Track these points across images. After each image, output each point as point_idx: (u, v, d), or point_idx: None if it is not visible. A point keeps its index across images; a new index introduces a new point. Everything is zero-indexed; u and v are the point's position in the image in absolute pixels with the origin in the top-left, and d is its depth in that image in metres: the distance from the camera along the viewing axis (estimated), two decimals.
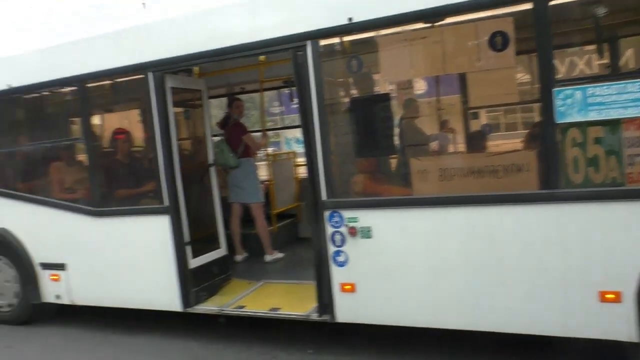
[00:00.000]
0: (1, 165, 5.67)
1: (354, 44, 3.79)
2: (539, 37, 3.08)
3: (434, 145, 3.89)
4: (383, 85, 3.99)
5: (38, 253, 5.26)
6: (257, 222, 5.90)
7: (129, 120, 5.43)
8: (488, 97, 3.69)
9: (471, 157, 3.66)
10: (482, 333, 3.53)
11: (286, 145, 19.40)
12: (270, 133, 8.31)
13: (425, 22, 3.49)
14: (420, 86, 3.82)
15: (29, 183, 5.50)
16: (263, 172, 6.69)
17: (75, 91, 4.88)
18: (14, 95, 5.26)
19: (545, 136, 3.14)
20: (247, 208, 5.99)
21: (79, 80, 4.75)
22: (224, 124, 6.07)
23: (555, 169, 3.12)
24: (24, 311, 5.48)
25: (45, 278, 5.22)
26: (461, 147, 3.84)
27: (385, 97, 3.92)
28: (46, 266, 5.21)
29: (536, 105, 3.39)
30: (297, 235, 6.93)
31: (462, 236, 3.43)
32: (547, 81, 3.07)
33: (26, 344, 5.08)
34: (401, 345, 4.14)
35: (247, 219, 6.05)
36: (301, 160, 7.33)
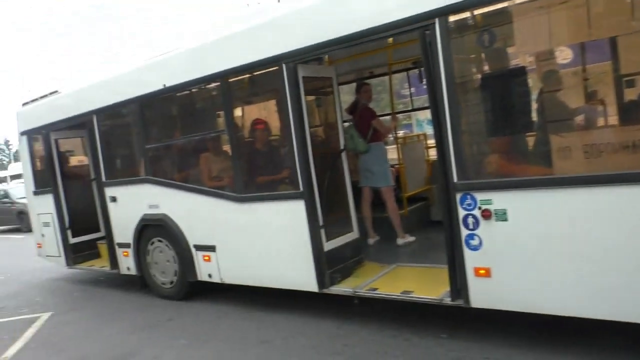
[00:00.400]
0: (160, 157, 6.35)
1: (485, 17, 3.58)
2: None
3: (578, 119, 3.54)
4: (518, 58, 3.73)
5: (192, 236, 5.82)
6: (388, 206, 5.91)
7: (266, 110, 5.74)
8: None
9: (624, 130, 3.27)
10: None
11: (417, 127, 19.05)
12: (400, 116, 8.22)
13: None
14: (562, 56, 3.49)
15: (183, 172, 6.08)
16: (393, 156, 6.67)
17: (219, 86, 5.27)
18: (169, 93, 5.81)
19: None
20: (377, 192, 6.04)
21: (222, 76, 5.11)
22: (352, 109, 6.15)
23: None
24: (182, 288, 6.14)
25: (199, 258, 5.77)
26: (612, 119, 3.44)
27: (522, 71, 3.67)
28: (199, 248, 5.75)
29: None
30: (429, 219, 6.81)
31: (613, 218, 3.11)
32: None
33: (184, 317, 5.67)
34: (538, 334, 3.92)
35: (378, 202, 6.10)
36: (432, 142, 7.18)
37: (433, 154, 6.99)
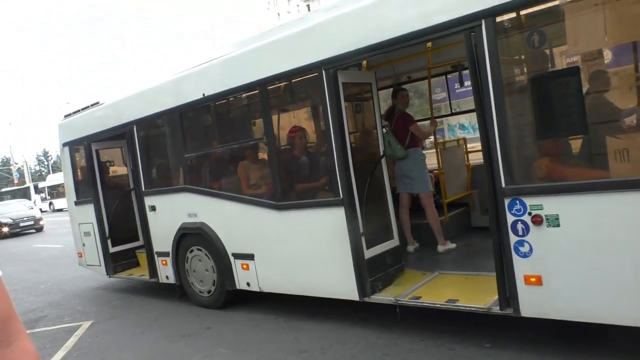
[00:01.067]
0: (199, 166, 6.39)
1: (533, 17, 3.49)
2: None
3: (636, 120, 3.40)
4: (569, 58, 3.61)
5: (230, 244, 5.81)
6: (427, 212, 5.80)
7: (305, 117, 5.72)
8: None
9: None
10: None
11: (450, 132, 18.78)
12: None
13: None
14: (616, 55, 3.36)
15: (222, 181, 6.10)
16: (431, 161, 6.57)
17: (258, 94, 5.27)
18: (208, 102, 5.83)
19: None
20: (414, 198, 5.94)
21: (261, 84, 5.11)
22: (389, 115, 6.08)
23: None
24: (221, 296, 6.12)
25: (237, 267, 5.75)
26: None
27: (573, 71, 3.54)
28: (237, 256, 5.73)
29: None
30: (470, 225, 6.67)
31: None
32: None
33: (222, 325, 5.66)
34: (590, 345, 3.77)
35: (416, 209, 6.00)
36: (471, 146, 7.05)
37: (473, 158, 6.87)
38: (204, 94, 5.68)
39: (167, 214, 6.54)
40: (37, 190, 41.95)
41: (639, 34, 3.24)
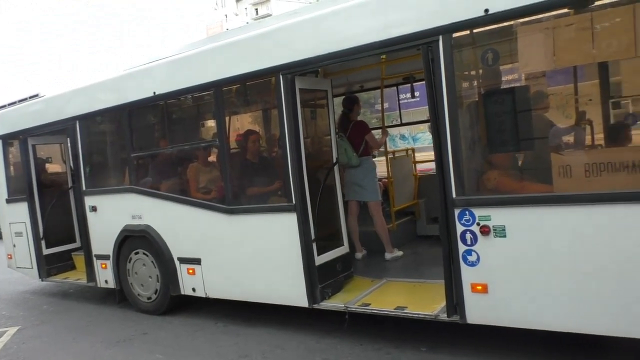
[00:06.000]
0: (146, 166, 6.17)
1: (488, 36, 3.65)
2: None
3: (579, 138, 3.62)
4: (520, 76, 3.80)
5: (176, 248, 5.65)
6: (376, 221, 5.89)
7: (260, 121, 5.66)
8: None
9: (620, 151, 3.36)
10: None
11: (391, 143, 19.16)
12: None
13: (573, 8, 3.29)
14: (563, 76, 3.58)
15: (170, 183, 5.92)
16: (381, 169, 6.68)
17: (212, 96, 5.15)
18: (158, 101, 5.65)
19: None
20: (362, 206, 6.02)
21: (216, 85, 5.01)
22: (341, 123, 6.14)
23: None
24: (164, 302, 5.93)
25: (182, 272, 5.59)
26: (610, 139, 3.53)
27: (523, 90, 3.73)
28: (183, 260, 5.58)
29: None
30: (416, 233, 6.84)
31: (612, 235, 3.17)
32: None
33: (159, 331, 5.51)
34: (520, 349, 3.98)
35: (363, 216, 6.07)
36: (419, 156, 7.24)
37: (421, 168, 7.06)
38: (154, 92, 5.51)
39: (109, 215, 6.27)
40: None
41: (583, 58, 3.45)
